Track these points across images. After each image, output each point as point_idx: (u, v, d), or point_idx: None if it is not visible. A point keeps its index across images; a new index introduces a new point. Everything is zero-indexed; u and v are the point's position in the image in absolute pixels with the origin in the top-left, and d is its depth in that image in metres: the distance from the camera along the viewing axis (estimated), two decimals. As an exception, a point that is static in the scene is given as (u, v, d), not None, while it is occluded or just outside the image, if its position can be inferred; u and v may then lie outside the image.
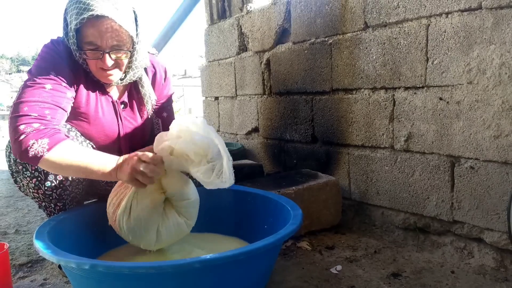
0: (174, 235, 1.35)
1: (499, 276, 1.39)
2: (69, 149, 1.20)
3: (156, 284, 1.05)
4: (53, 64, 1.29)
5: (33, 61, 1.35)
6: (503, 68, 1.36)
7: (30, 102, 1.21)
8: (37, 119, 1.19)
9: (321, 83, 2.10)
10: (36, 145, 1.15)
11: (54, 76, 1.27)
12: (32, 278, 1.49)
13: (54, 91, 1.26)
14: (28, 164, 1.28)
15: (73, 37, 1.27)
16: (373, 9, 1.78)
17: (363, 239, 1.76)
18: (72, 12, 1.25)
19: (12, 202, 2.62)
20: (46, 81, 1.26)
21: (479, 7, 1.41)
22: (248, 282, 1.18)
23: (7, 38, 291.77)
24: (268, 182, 1.91)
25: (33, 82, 1.25)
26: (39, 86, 1.24)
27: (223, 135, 3.10)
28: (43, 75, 1.26)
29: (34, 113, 1.19)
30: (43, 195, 1.34)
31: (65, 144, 1.20)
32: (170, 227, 1.33)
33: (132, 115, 1.50)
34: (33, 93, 1.22)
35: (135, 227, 1.27)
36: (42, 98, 1.23)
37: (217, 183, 1.18)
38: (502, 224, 1.43)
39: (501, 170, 1.41)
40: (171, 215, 1.33)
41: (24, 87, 1.25)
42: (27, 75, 1.30)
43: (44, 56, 1.31)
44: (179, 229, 1.35)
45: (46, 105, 1.23)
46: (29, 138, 1.15)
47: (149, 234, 1.30)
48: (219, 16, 2.99)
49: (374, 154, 1.87)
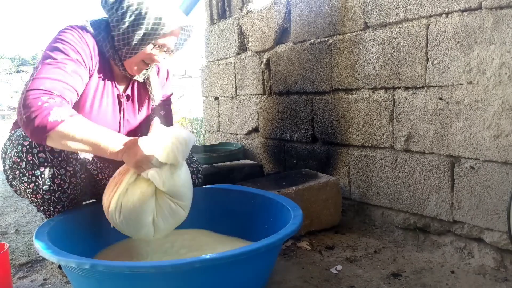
0: (172, 222, 1.34)
1: (499, 276, 1.39)
2: (83, 123, 1.21)
3: (156, 284, 1.05)
4: (76, 46, 1.30)
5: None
6: (503, 68, 1.36)
7: (52, 79, 1.21)
8: (60, 97, 1.20)
9: (321, 83, 2.11)
10: (56, 110, 1.15)
11: (75, 58, 1.29)
12: (32, 278, 1.49)
13: (74, 74, 1.27)
14: (25, 169, 1.27)
15: (132, 38, 1.34)
16: (373, 9, 1.78)
17: (363, 239, 1.76)
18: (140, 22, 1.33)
19: (12, 202, 2.62)
20: (67, 62, 1.27)
21: (479, 7, 1.41)
22: (248, 282, 1.18)
23: (7, 38, 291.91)
24: (268, 182, 1.91)
25: (55, 60, 1.25)
26: (61, 65, 1.25)
27: (223, 135, 3.10)
28: (64, 55, 1.27)
29: (57, 91, 1.20)
30: (41, 199, 1.33)
31: (79, 118, 1.21)
32: (165, 216, 1.31)
33: (132, 108, 1.53)
34: (54, 71, 1.23)
35: (128, 220, 1.27)
36: (64, 78, 1.24)
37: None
38: (502, 224, 1.43)
39: (501, 170, 1.41)
40: (164, 202, 1.31)
41: (43, 64, 1.24)
42: (46, 52, 1.28)
43: (67, 37, 1.31)
44: (175, 215, 1.33)
45: (67, 86, 1.24)
46: (49, 106, 1.15)
47: (144, 226, 1.29)
48: (219, 16, 2.99)
49: (374, 154, 1.87)
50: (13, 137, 1.34)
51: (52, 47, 1.29)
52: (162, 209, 1.31)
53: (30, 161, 1.26)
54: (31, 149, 1.26)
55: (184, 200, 1.35)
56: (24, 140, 1.27)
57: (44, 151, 1.27)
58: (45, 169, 1.28)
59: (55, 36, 1.33)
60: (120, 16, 1.34)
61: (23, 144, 1.27)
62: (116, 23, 1.35)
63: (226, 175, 2.23)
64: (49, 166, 1.28)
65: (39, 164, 1.27)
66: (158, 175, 1.25)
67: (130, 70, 1.43)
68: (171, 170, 1.28)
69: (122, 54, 1.39)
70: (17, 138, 1.30)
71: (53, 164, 1.29)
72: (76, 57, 1.30)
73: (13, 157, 1.28)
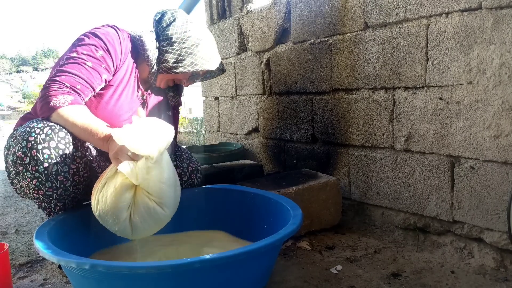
0: (150, 221, 1.28)
1: (499, 276, 1.39)
2: (81, 111, 1.33)
3: (156, 284, 1.05)
4: (105, 45, 1.41)
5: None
6: (503, 68, 1.37)
7: (68, 73, 1.35)
8: (69, 88, 1.33)
9: (321, 83, 2.11)
10: (60, 98, 1.31)
11: (99, 55, 1.40)
12: (32, 278, 1.49)
13: (93, 70, 1.38)
14: (29, 165, 1.28)
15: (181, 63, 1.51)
16: (373, 9, 1.78)
17: (363, 239, 1.76)
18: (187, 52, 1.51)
19: (12, 202, 2.62)
20: (89, 58, 1.39)
21: (479, 7, 1.41)
22: (248, 282, 1.18)
23: (7, 38, 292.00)
24: (268, 182, 1.91)
25: (78, 56, 1.38)
26: (81, 61, 1.37)
27: (223, 135, 3.10)
28: (89, 51, 1.39)
29: (68, 83, 1.33)
30: (43, 195, 1.33)
31: (81, 107, 1.34)
32: (142, 213, 1.26)
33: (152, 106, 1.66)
34: (74, 67, 1.36)
35: (104, 215, 1.24)
36: (80, 73, 1.36)
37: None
38: (502, 224, 1.43)
39: (501, 170, 1.41)
40: (141, 199, 1.26)
41: (68, 58, 1.38)
42: (75, 43, 1.42)
43: (99, 35, 1.42)
44: (153, 214, 1.27)
45: (80, 80, 1.36)
46: (58, 93, 1.31)
47: (119, 222, 1.25)
48: (219, 16, 2.99)
49: (374, 154, 1.87)
50: (17, 133, 1.35)
51: (82, 39, 1.42)
52: (138, 206, 1.26)
53: (34, 156, 1.26)
54: (36, 145, 1.26)
55: (163, 198, 1.28)
56: (29, 136, 1.27)
57: (49, 147, 1.27)
58: (48, 166, 1.28)
59: (94, 27, 1.47)
60: (179, 39, 1.50)
61: (28, 140, 1.27)
62: (169, 42, 1.50)
63: (226, 175, 2.23)
64: (53, 162, 1.28)
65: (43, 160, 1.27)
66: (130, 168, 1.20)
67: (158, 82, 1.57)
68: (148, 163, 1.21)
69: (161, 69, 1.52)
70: (21, 134, 1.30)
71: (57, 161, 1.29)
72: (102, 55, 1.40)
73: (17, 152, 1.28)
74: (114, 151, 1.22)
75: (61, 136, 1.29)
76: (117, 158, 1.22)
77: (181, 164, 1.64)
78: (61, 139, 1.29)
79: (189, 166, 1.66)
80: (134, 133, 1.19)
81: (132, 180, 1.22)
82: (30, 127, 1.28)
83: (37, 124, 1.29)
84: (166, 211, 1.30)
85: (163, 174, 1.27)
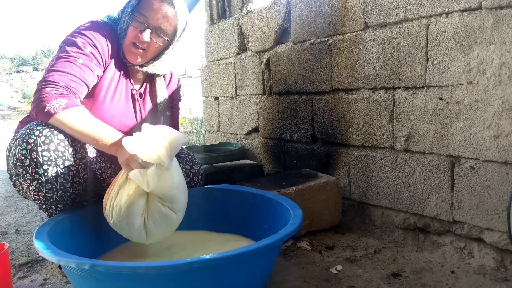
0: (164, 226, 1.32)
1: (499, 276, 1.39)
2: (81, 114, 1.31)
3: (156, 284, 1.05)
4: (91, 41, 1.40)
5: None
6: (503, 68, 1.37)
7: (60, 72, 1.33)
8: (63, 88, 1.31)
9: (321, 83, 2.11)
10: (54, 102, 1.28)
11: (88, 52, 1.39)
12: (32, 278, 1.49)
13: (84, 67, 1.37)
14: (29, 167, 1.28)
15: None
16: (373, 9, 1.78)
17: (363, 239, 1.76)
18: (129, 3, 1.44)
19: (12, 202, 2.62)
20: (79, 56, 1.37)
21: (479, 7, 1.41)
22: (248, 282, 1.18)
23: (7, 38, 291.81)
24: (268, 182, 1.91)
25: (67, 54, 1.36)
26: (72, 58, 1.36)
27: (223, 135, 3.10)
28: (78, 49, 1.38)
29: (62, 82, 1.32)
30: (44, 197, 1.33)
31: (78, 109, 1.31)
32: (156, 219, 1.30)
33: (143, 106, 1.61)
34: (65, 65, 1.35)
35: (119, 223, 1.27)
36: (72, 71, 1.35)
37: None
38: (502, 224, 1.43)
39: (501, 170, 1.41)
40: (153, 205, 1.30)
41: (58, 57, 1.37)
42: (62, 45, 1.41)
43: (83, 33, 1.41)
44: (166, 219, 1.32)
45: (73, 78, 1.34)
46: (51, 97, 1.28)
47: (134, 229, 1.28)
48: (219, 16, 2.99)
49: (374, 154, 1.87)
50: (18, 135, 1.35)
51: (69, 40, 1.40)
52: (152, 212, 1.30)
53: (34, 159, 1.26)
54: (35, 147, 1.26)
55: (175, 203, 1.33)
56: (29, 138, 1.27)
57: (48, 149, 1.27)
58: (48, 168, 1.28)
59: (75, 28, 1.44)
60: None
61: (28, 142, 1.27)
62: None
63: (226, 175, 2.23)
64: (52, 164, 1.28)
65: (43, 162, 1.27)
66: (142, 176, 1.22)
67: (129, 57, 1.49)
68: (158, 171, 1.24)
69: (121, 40, 1.48)
70: (21, 136, 1.30)
71: (57, 163, 1.29)
72: (91, 51, 1.39)
73: (17, 155, 1.28)
74: (125, 157, 1.23)
75: (60, 139, 1.29)
76: (128, 165, 1.24)
77: (184, 166, 1.64)
78: (60, 141, 1.29)
79: (192, 168, 1.66)
80: (145, 141, 1.22)
81: (143, 188, 1.25)
82: (30, 129, 1.29)
83: (37, 126, 1.29)
84: (179, 215, 1.35)
85: (174, 180, 1.31)
